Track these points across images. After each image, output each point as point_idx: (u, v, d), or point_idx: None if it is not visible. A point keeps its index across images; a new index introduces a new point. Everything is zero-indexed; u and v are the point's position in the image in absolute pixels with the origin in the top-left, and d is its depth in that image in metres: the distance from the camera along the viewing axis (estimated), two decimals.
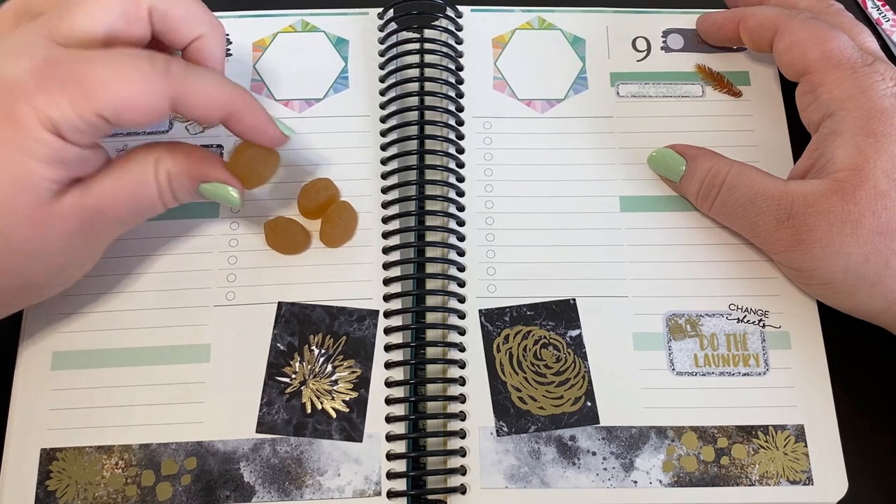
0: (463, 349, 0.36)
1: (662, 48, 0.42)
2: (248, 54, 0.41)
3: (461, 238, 0.38)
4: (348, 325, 0.36)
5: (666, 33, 0.42)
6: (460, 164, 0.39)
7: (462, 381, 0.35)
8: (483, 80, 0.41)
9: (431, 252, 0.37)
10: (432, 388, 0.35)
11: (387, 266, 0.37)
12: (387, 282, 0.37)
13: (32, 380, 0.35)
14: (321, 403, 0.35)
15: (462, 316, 0.36)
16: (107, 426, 0.34)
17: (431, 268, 0.37)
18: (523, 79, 0.41)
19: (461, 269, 0.37)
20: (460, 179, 0.39)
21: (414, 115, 0.39)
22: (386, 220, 0.38)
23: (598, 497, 0.34)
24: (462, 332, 0.36)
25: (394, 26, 0.41)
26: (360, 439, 0.34)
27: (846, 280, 0.33)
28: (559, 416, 0.35)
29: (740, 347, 0.36)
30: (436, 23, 0.41)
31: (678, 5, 0.43)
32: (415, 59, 0.40)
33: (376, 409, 0.35)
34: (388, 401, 0.35)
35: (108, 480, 0.34)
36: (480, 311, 0.37)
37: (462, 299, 0.37)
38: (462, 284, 0.37)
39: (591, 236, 0.38)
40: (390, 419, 0.35)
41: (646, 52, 0.42)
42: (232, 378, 0.35)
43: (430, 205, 0.38)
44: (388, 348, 0.36)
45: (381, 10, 0.41)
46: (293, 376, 0.35)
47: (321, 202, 0.37)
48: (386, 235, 0.37)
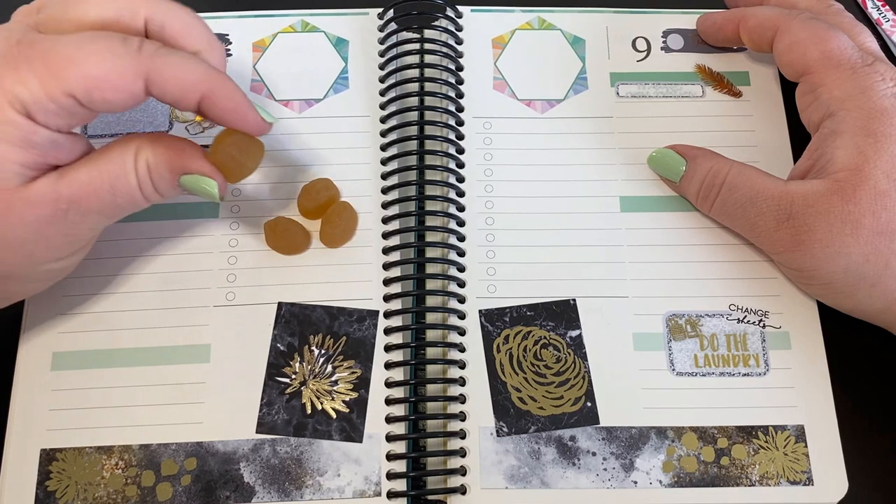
0: (463, 349, 0.36)
1: (662, 48, 0.42)
2: (248, 54, 0.41)
3: (461, 238, 0.38)
4: (348, 325, 0.36)
5: (666, 33, 0.42)
6: (460, 165, 0.39)
7: (462, 382, 0.35)
8: (483, 80, 0.41)
9: (431, 252, 0.37)
10: (432, 389, 0.35)
11: (387, 266, 0.37)
12: (387, 282, 0.37)
13: (32, 380, 0.35)
14: (321, 404, 0.35)
15: (462, 316, 0.36)
16: (107, 426, 0.34)
17: (431, 268, 0.37)
18: (523, 79, 0.41)
19: (461, 269, 0.37)
20: (460, 179, 0.39)
21: (414, 115, 0.39)
22: (386, 220, 0.38)
23: (598, 497, 0.34)
24: (462, 333, 0.36)
25: (394, 26, 0.41)
26: (360, 440, 0.34)
27: (846, 280, 0.33)
28: (559, 416, 0.35)
29: (740, 348, 0.36)
30: (436, 23, 0.41)
31: (678, 5, 0.43)
32: (415, 59, 0.40)
33: (376, 410, 0.35)
34: (388, 401, 0.35)
35: (108, 481, 0.34)
36: (480, 311, 0.37)
37: (462, 299, 0.37)
38: (462, 285, 0.37)
39: (591, 236, 0.38)
40: (390, 419, 0.35)
41: (646, 53, 0.42)
42: (232, 378, 0.35)
43: (430, 205, 0.38)
44: (388, 349, 0.36)
45: (381, 10, 0.41)
46: (293, 377, 0.35)
47: (321, 202, 0.37)
48: (386, 236, 0.37)
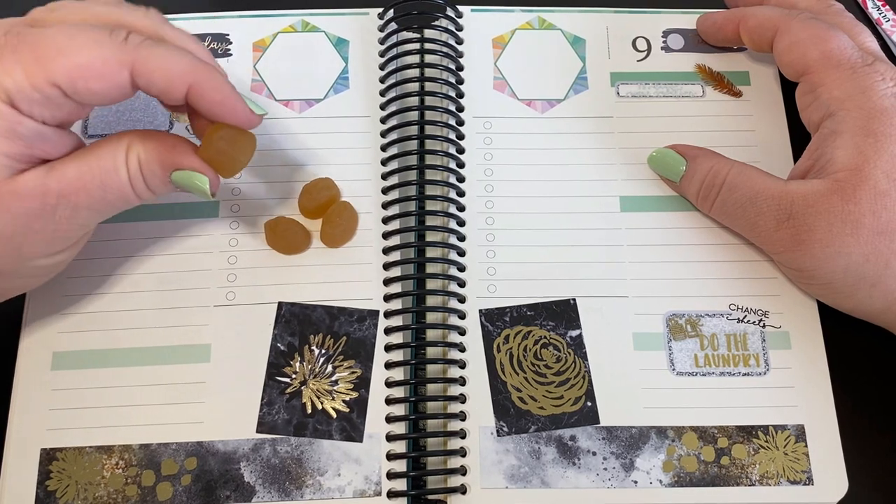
0: (463, 349, 0.36)
1: (662, 48, 0.42)
2: (249, 54, 0.41)
3: (461, 238, 0.38)
4: (348, 325, 0.36)
5: (666, 33, 0.42)
6: (460, 164, 0.39)
7: (462, 381, 0.35)
8: (483, 80, 0.41)
9: (432, 252, 0.37)
10: (432, 388, 0.35)
11: (387, 266, 0.37)
12: (387, 282, 0.37)
13: (32, 380, 0.35)
14: (321, 403, 0.35)
15: (462, 316, 0.36)
16: (107, 426, 0.34)
17: (432, 268, 0.37)
18: (523, 79, 0.41)
19: (461, 269, 0.37)
20: (460, 179, 0.39)
21: (414, 115, 0.39)
22: (386, 220, 0.38)
23: (598, 497, 0.34)
24: (462, 333, 0.36)
25: (394, 26, 0.41)
26: (360, 439, 0.34)
27: (846, 280, 0.33)
28: (559, 416, 0.35)
29: (740, 347, 0.36)
30: (436, 23, 0.41)
31: (678, 5, 0.43)
32: (415, 59, 0.40)
33: (376, 410, 0.35)
34: (389, 401, 0.35)
35: (108, 480, 0.34)
36: (481, 311, 0.37)
37: (462, 299, 0.37)
38: (462, 284, 0.37)
39: (591, 236, 0.38)
40: (390, 419, 0.35)
41: (646, 52, 0.42)
42: (232, 378, 0.35)
43: (431, 205, 0.38)
44: (388, 348, 0.36)
45: (381, 10, 0.41)
46: (293, 376, 0.35)
47: (322, 202, 0.37)
48: (386, 235, 0.37)
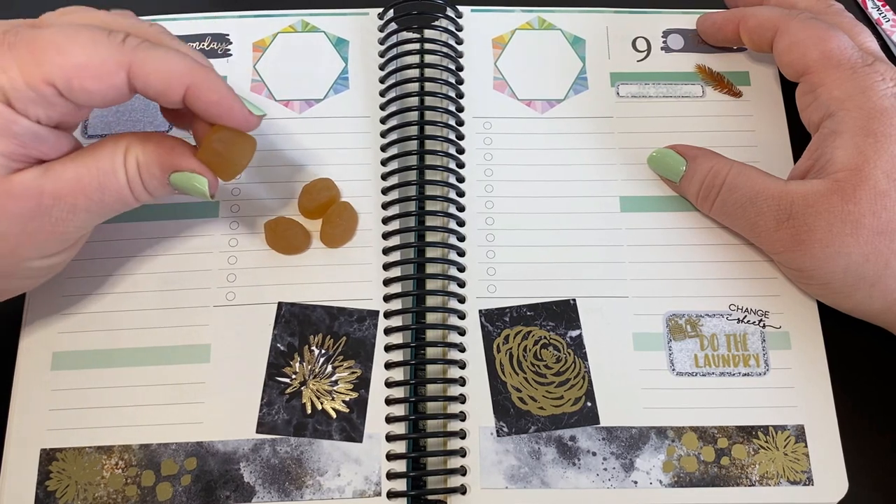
0: (463, 349, 0.36)
1: (662, 48, 0.42)
2: (249, 54, 0.41)
3: (461, 238, 0.38)
4: (348, 325, 0.36)
5: (666, 33, 0.42)
6: (460, 165, 0.39)
7: (462, 382, 0.35)
8: (483, 80, 0.41)
9: (431, 252, 0.37)
10: (432, 389, 0.35)
11: (387, 266, 0.37)
12: (387, 282, 0.37)
13: (32, 380, 0.35)
14: (321, 404, 0.35)
15: (462, 316, 0.36)
16: (107, 426, 0.34)
17: (431, 268, 0.37)
18: (523, 79, 0.41)
19: (461, 269, 0.37)
20: (460, 180, 0.39)
21: (414, 115, 0.39)
22: (386, 220, 0.38)
23: (598, 497, 0.34)
24: (462, 333, 0.36)
25: (394, 26, 0.41)
26: (360, 440, 0.34)
27: (846, 280, 0.33)
28: (559, 416, 0.35)
29: (740, 348, 0.36)
30: (436, 23, 0.41)
31: (678, 5, 0.43)
32: (415, 59, 0.40)
33: (376, 410, 0.35)
34: (388, 401, 0.35)
35: (108, 481, 0.34)
36: (480, 311, 0.37)
37: (462, 299, 0.37)
38: (462, 285, 0.37)
39: (591, 236, 0.38)
40: (390, 419, 0.35)
41: (646, 53, 0.42)
42: (232, 378, 0.35)
43: (431, 205, 0.38)
44: (388, 349, 0.36)
45: (381, 10, 0.41)
46: (293, 377, 0.35)
47: (322, 202, 0.37)
48: (386, 236, 0.37)
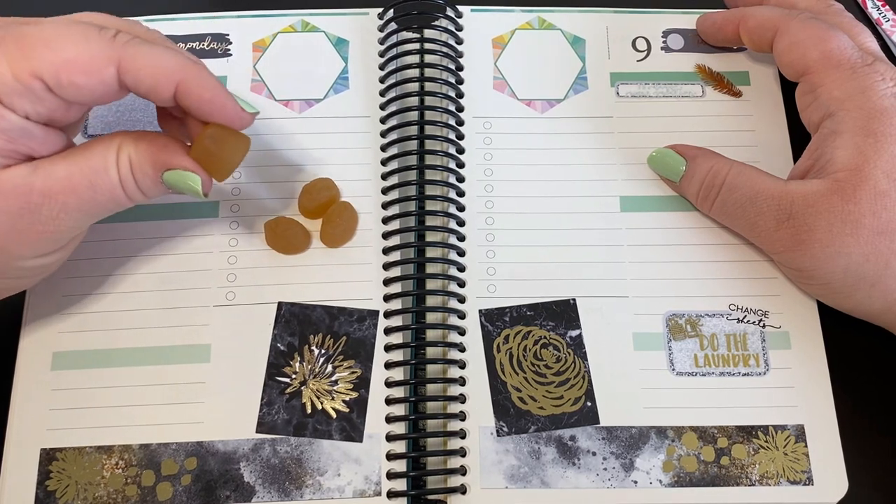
0: (463, 349, 0.36)
1: (662, 48, 0.42)
2: (249, 54, 0.41)
3: (461, 238, 0.38)
4: (348, 325, 0.36)
5: (666, 33, 0.42)
6: (460, 165, 0.39)
7: (462, 382, 0.35)
8: (483, 80, 0.41)
9: (431, 252, 0.37)
10: (432, 389, 0.35)
11: (387, 266, 0.37)
12: (387, 282, 0.37)
13: (32, 380, 0.35)
14: (321, 403, 0.35)
15: (462, 316, 0.36)
16: (107, 426, 0.34)
17: (431, 268, 0.37)
18: (523, 79, 0.41)
19: (461, 269, 0.37)
20: (460, 179, 0.39)
21: (414, 115, 0.39)
22: (386, 220, 0.38)
23: (598, 497, 0.34)
24: (462, 333, 0.36)
25: (394, 26, 0.41)
26: (360, 439, 0.34)
27: (846, 280, 0.33)
28: (559, 416, 0.35)
29: (740, 347, 0.36)
30: (436, 23, 0.41)
31: (678, 5, 0.43)
32: (415, 59, 0.40)
33: (376, 410, 0.35)
34: (389, 401, 0.35)
35: (108, 480, 0.34)
36: (480, 311, 0.37)
37: (462, 299, 0.37)
38: (462, 284, 0.37)
39: (591, 236, 0.38)
40: (390, 419, 0.35)
41: (646, 53, 0.42)
42: (232, 378, 0.35)
43: (431, 205, 0.38)
44: (388, 348, 0.36)
45: (381, 10, 0.41)
46: (293, 376, 0.35)
47: (322, 202, 0.37)
48: (386, 235, 0.37)
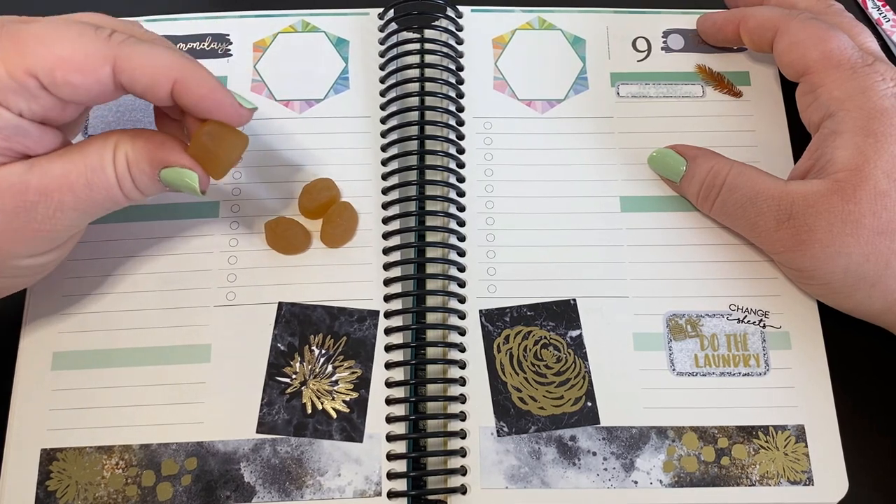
0: (463, 349, 0.36)
1: (663, 48, 0.42)
2: (249, 54, 0.41)
3: (461, 238, 0.38)
4: (349, 325, 0.36)
5: (666, 33, 0.42)
6: (460, 165, 0.39)
7: (462, 382, 0.35)
8: (483, 80, 0.41)
9: (432, 252, 0.37)
10: (433, 389, 0.35)
11: (387, 266, 0.37)
12: (387, 282, 0.37)
13: (32, 380, 0.35)
14: (321, 404, 0.35)
15: (462, 316, 0.36)
16: (107, 426, 0.34)
17: (432, 268, 0.37)
18: (523, 79, 0.41)
19: (461, 269, 0.37)
20: (461, 180, 0.39)
21: (414, 115, 0.39)
22: (386, 220, 0.38)
23: (598, 497, 0.34)
24: (462, 333, 0.36)
25: (394, 26, 0.41)
26: (360, 439, 0.34)
27: (846, 280, 0.33)
28: (559, 416, 0.35)
29: (741, 348, 0.36)
30: (436, 23, 0.41)
31: (678, 5, 0.43)
32: (415, 59, 0.40)
33: (377, 410, 0.35)
34: (389, 401, 0.35)
35: (108, 481, 0.34)
36: (481, 311, 0.37)
37: (462, 299, 0.37)
38: (462, 285, 0.37)
39: (591, 236, 0.38)
40: (391, 419, 0.35)
41: (646, 53, 0.42)
42: (232, 378, 0.35)
43: (431, 205, 0.38)
44: (388, 349, 0.36)
45: (381, 10, 0.41)
46: (293, 376, 0.35)
47: (322, 202, 0.37)
48: (386, 236, 0.37)
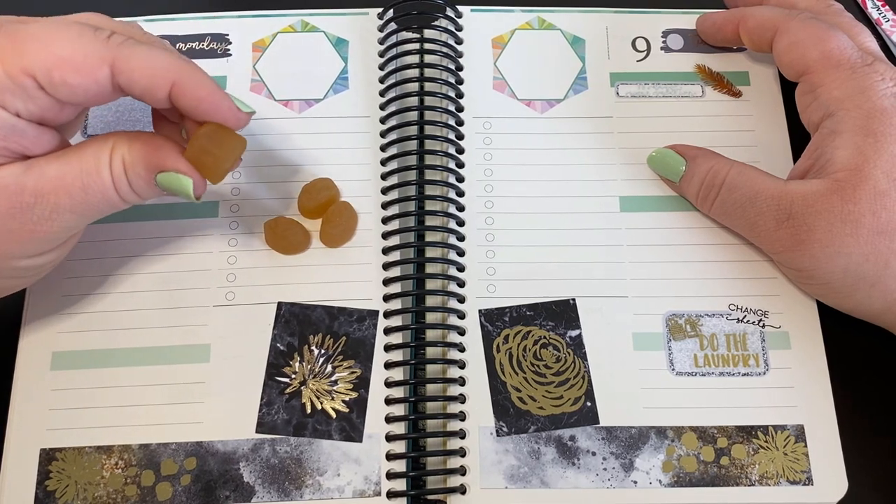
0: (463, 349, 0.36)
1: (662, 48, 0.42)
2: (248, 54, 0.41)
3: (461, 238, 0.38)
4: (348, 325, 0.36)
5: (666, 33, 0.42)
6: (460, 165, 0.39)
7: (462, 382, 0.35)
8: (483, 80, 0.41)
9: (431, 252, 0.37)
10: (432, 389, 0.35)
11: (387, 266, 0.37)
12: (387, 282, 0.37)
13: (32, 380, 0.35)
14: (321, 403, 0.35)
15: (462, 316, 0.36)
16: (106, 426, 0.34)
17: (431, 268, 0.37)
18: (523, 79, 0.41)
19: (461, 269, 0.37)
20: (460, 179, 0.39)
21: (414, 115, 0.39)
22: (386, 220, 0.38)
23: (598, 497, 0.34)
24: (462, 333, 0.36)
25: (394, 26, 0.41)
26: (359, 439, 0.34)
27: (845, 280, 0.33)
28: (559, 416, 0.35)
29: (740, 347, 0.36)
30: (436, 23, 0.41)
31: (678, 5, 0.43)
32: (415, 59, 0.40)
33: (376, 410, 0.35)
34: (388, 401, 0.35)
35: (107, 480, 0.34)
36: (480, 311, 0.36)
37: (462, 299, 0.37)
38: (462, 284, 0.37)
39: (591, 236, 0.38)
40: (390, 419, 0.35)
41: (646, 53, 0.42)
42: (232, 378, 0.35)
43: (430, 205, 0.38)
44: (387, 348, 0.36)
45: (380, 10, 0.41)
46: (293, 376, 0.35)
47: (322, 202, 0.37)
48: (386, 235, 0.37)
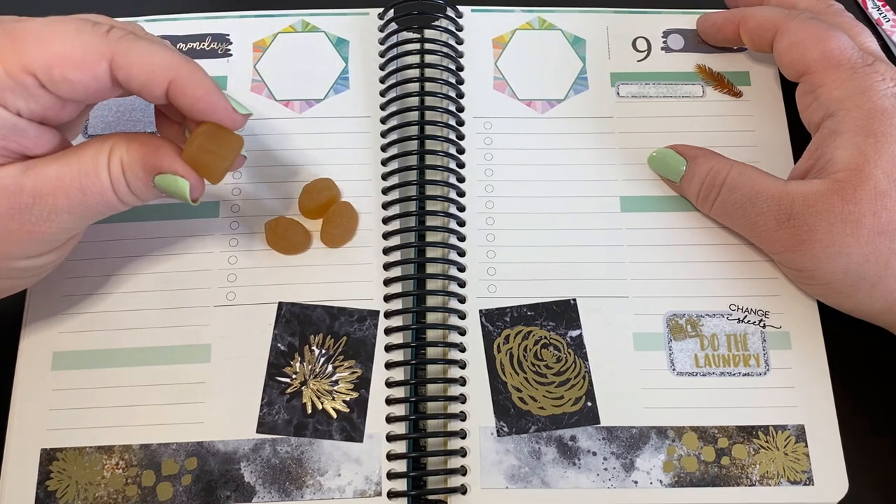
0: (463, 349, 0.36)
1: (663, 48, 0.42)
2: (249, 55, 0.41)
3: (461, 238, 0.38)
4: (349, 325, 0.36)
5: (666, 33, 0.42)
6: (461, 165, 0.39)
7: (462, 382, 0.35)
8: (483, 80, 0.41)
9: (432, 252, 0.37)
10: (433, 389, 0.35)
11: (387, 266, 0.37)
12: (387, 282, 0.37)
13: (32, 380, 0.35)
14: (322, 404, 0.35)
15: (462, 316, 0.36)
16: (107, 426, 0.34)
17: (432, 268, 0.37)
18: (523, 79, 0.41)
19: (461, 269, 0.37)
20: (461, 179, 0.39)
21: (414, 115, 0.39)
22: (386, 220, 0.38)
23: (598, 497, 0.34)
24: (462, 333, 0.36)
25: (394, 26, 0.41)
26: (360, 439, 0.34)
27: (846, 280, 0.33)
28: (559, 416, 0.35)
29: (741, 348, 0.36)
30: (436, 23, 0.41)
31: (678, 5, 0.43)
32: (415, 59, 0.40)
33: (377, 410, 0.35)
34: (389, 401, 0.35)
35: (108, 481, 0.34)
36: (481, 311, 0.37)
37: (462, 299, 0.37)
38: (462, 285, 0.37)
39: (591, 236, 0.38)
40: (391, 419, 0.35)
41: (646, 53, 0.42)
42: (232, 378, 0.35)
43: (431, 205, 0.38)
44: (388, 348, 0.36)
45: (381, 10, 0.41)
46: (294, 376, 0.35)
47: (322, 202, 0.37)
48: (386, 236, 0.37)
